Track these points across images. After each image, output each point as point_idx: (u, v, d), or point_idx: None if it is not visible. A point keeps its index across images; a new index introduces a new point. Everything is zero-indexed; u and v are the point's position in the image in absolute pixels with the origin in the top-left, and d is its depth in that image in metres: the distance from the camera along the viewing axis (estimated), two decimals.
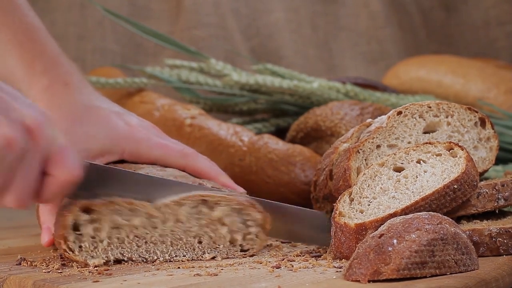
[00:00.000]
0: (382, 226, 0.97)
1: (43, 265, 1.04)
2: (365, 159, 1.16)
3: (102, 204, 1.04)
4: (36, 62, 1.19)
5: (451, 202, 1.05)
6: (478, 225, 1.06)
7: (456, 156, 1.10)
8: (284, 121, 1.76)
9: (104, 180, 1.06)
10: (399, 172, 1.11)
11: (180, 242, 1.08)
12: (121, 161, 1.19)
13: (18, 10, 1.21)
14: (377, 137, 1.17)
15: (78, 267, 1.02)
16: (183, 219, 1.08)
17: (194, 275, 0.97)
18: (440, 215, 0.97)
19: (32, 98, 1.20)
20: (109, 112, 1.19)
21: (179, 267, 1.03)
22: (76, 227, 1.04)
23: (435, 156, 1.11)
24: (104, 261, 1.04)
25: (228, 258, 1.09)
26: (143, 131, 1.19)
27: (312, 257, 1.07)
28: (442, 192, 1.04)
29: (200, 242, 1.09)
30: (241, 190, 1.16)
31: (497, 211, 1.11)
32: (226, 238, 1.10)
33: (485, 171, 1.18)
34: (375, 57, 2.18)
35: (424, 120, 1.18)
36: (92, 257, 1.04)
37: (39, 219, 1.18)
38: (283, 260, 1.06)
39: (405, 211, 1.02)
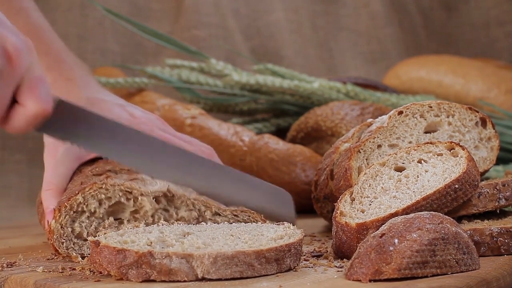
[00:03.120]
0: (383, 225, 0.97)
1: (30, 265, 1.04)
2: (366, 159, 1.16)
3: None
4: (41, 61, 1.20)
5: (452, 201, 1.05)
6: (479, 224, 1.06)
7: (457, 156, 1.10)
8: (285, 121, 1.76)
9: (76, 121, 1.04)
10: (400, 171, 1.11)
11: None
12: None
13: (23, 12, 1.23)
14: (378, 137, 1.17)
15: (79, 267, 1.02)
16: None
17: None
18: (441, 214, 0.97)
19: None
20: (112, 104, 1.21)
21: None
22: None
23: (436, 155, 1.11)
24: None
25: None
26: (146, 122, 1.20)
27: (313, 256, 1.07)
28: (443, 191, 1.04)
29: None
30: None
31: (498, 211, 1.11)
32: None
33: (486, 171, 1.18)
34: (375, 57, 2.18)
35: (425, 119, 1.18)
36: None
37: (40, 217, 1.18)
38: None
39: (406, 210, 1.02)
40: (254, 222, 1.13)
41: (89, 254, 1.08)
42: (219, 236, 0.99)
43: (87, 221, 1.09)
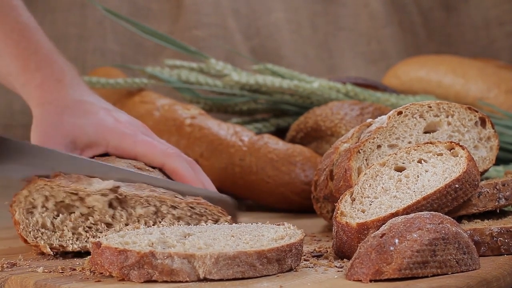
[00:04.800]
0: (383, 225, 0.97)
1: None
2: (366, 159, 1.16)
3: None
4: (31, 60, 1.22)
5: (452, 201, 1.05)
6: (479, 224, 1.06)
7: (457, 156, 1.10)
8: (284, 121, 1.76)
9: (18, 156, 1.10)
10: (400, 171, 1.11)
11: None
12: (106, 155, 1.21)
13: (13, 11, 1.24)
14: (377, 137, 1.17)
15: (79, 268, 1.02)
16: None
17: None
18: (442, 214, 0.97)
19: (27, 94, 1.23)
20: (98, 107, 1.22)
21: None
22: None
23: (436, 155, 1.11)
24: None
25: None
26: (130, 127, 1.21)
27: (313, 256, 1.07)
28: (444, 191, 1.04)
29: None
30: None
31: (498, 211, 1.11)
32: None
33: (486, 170, 1.19)
34: (375, 57, 2.18)
35: (425, 120, 1.18)
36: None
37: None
38: None
39: (407, 210, 1.02)
40: (211, 215, 1.14)
41: (58, 244, 1.10)
42: (220, 237, 0.99)
43: (46, 212, 1.10)
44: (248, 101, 1.75)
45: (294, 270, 0.98)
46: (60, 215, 1.10)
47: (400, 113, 1.18)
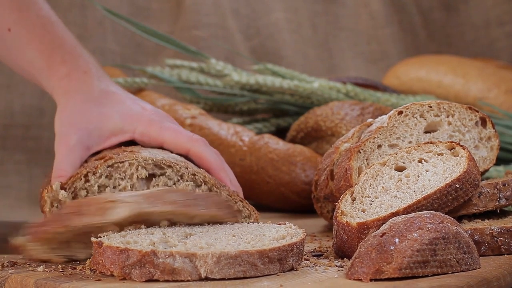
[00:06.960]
0: (384, 225, 0.97)
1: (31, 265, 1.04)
2: (366, 159, 1.16)
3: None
4: (55, 53, 1.22)
5: (453, 201, 1.05)
6: (479, 224, 1.07)
7: (458, 156, 1.10)
8: (285, 121, 1.76)
9: None
10: (401, 171, 1.11)
11: None
12: (131, 142, 1.21)
13: (35, 5, 1.24)
14: (378, 137, 1.17)
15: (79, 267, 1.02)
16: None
17: None
18: (442, 214, 0.97)
19: (51, 86, 1.23)
20: (124, 97, 1.22)
21: None
22: None
23: (436, 155, 1.11)
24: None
25: None
26: (156, 114, 1.22)
27: (314, 256, 1.07)
28: (444, 191, 1.04)
29: None
30: (235, 189, 1.17)
31: (498, 211, 1.11)
32: None
33: (486, 170, 1.19)
34: (375, 57, 2.18)
35: (425, 119, 1.18)
36: None
37: (43, 204, 1.18)
38: None
39: (407, 210, 1.02)
40: (241, 209, 1.12)
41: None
42: (222, 236, 0.99)
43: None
44: (248, 101, 1.75)
45: (295, 269, 0.98)
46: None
47: (400, 112, 1.18)
